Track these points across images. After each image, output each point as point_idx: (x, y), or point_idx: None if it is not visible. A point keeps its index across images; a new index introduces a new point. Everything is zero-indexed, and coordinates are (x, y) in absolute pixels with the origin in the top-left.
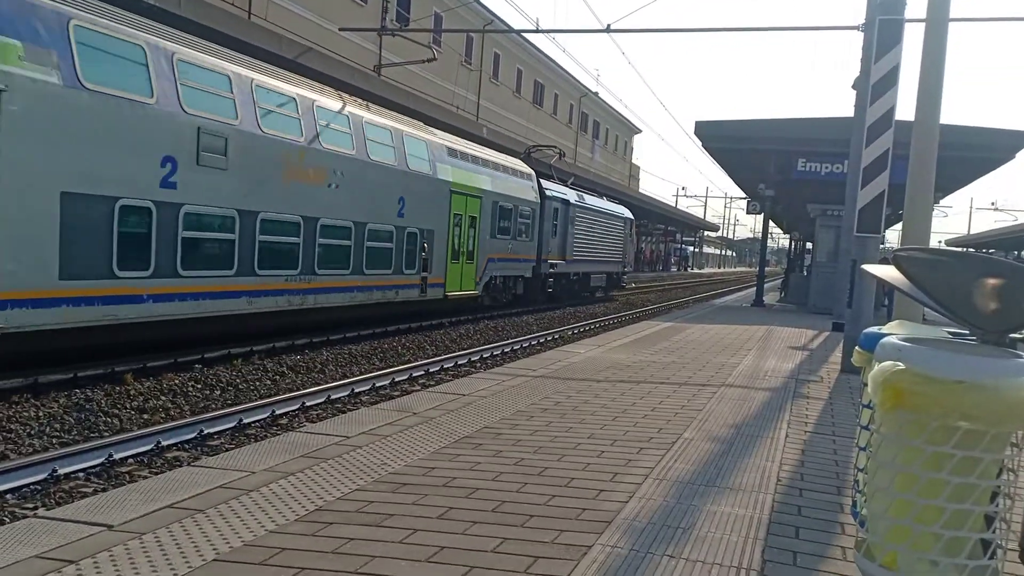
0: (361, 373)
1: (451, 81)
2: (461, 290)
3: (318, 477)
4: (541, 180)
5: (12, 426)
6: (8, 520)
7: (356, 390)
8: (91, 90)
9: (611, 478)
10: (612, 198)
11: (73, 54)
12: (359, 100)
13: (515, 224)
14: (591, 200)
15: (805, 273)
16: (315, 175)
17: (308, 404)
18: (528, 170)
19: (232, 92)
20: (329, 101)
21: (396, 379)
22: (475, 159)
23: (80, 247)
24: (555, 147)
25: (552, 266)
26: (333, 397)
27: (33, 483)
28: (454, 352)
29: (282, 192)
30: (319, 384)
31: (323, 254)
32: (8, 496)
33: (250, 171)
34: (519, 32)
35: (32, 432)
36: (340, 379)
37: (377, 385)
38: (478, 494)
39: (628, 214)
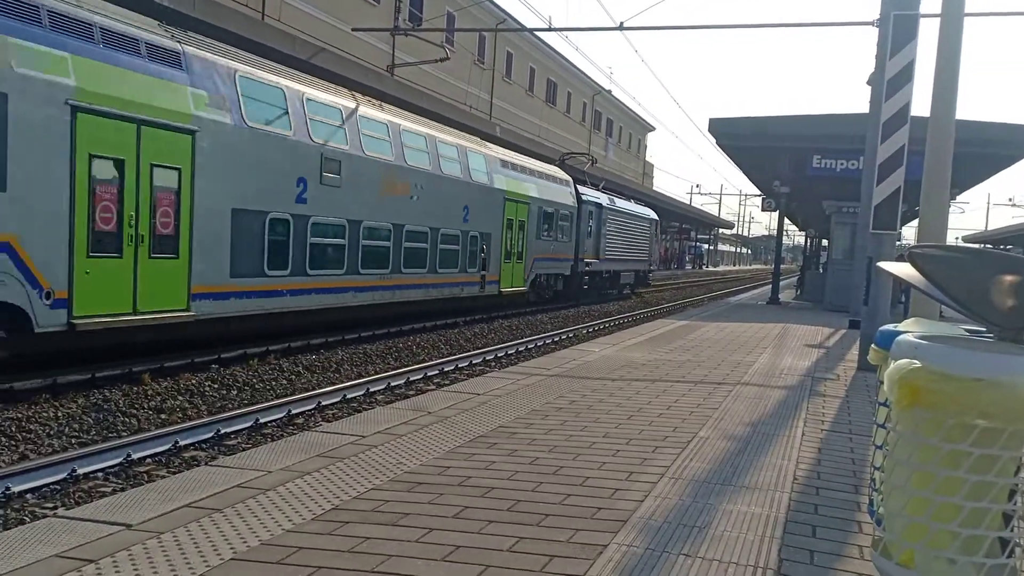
0: (376, 372)
1: (464, 80)
2: (513, 287)
3: (334, 476)
4: (577, 185)
5: (32, 426)
6: (28, 519)
7: (371, 389)
8: (251, 127)
9: (626, 477)
10: (638, 200)
11: (239, 99)
12: (433, 122)
13: (556, 226)
14: (621, 203)
15: (821, 270)
16: (402, 188)
17: (324, 404)
18: (566, 177)
19: (343, 122)
20: (411, 125)
21: (411, 378)
22: (523, 169)
23: (243, 252)
24: (587, 154)
25: (588, 264)
26: (348, 396)
27: (53, 483)
28: (469, 351)
29: (378, 204)
30: (335, 383)
31: (407, 256)
32: (28, 496)
33: (356, 187)
34: (532, 31)
35: (51, 432)
36: (355, 378)
37: (392, 384)
38: (493, 493)
39: (653, 215)
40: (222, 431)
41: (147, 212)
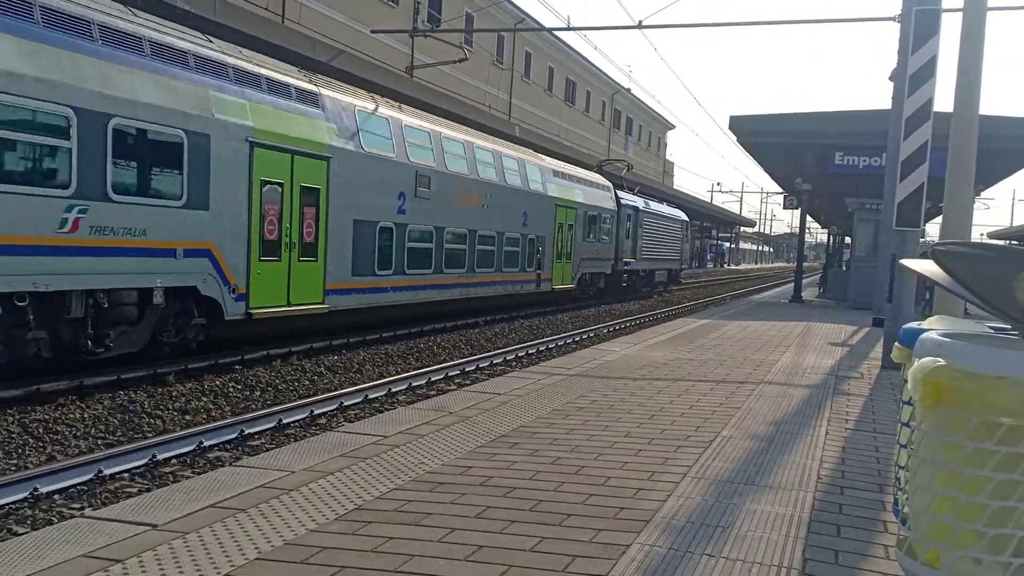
0: (398, 373)
1: (483, 80)
2: (563, 284)
3: (357, 476)
4: (616, 190)
5: (59, 428)
6: (56, 520)
7: (393, 390)
8: (367, 152)
9: (649, 477)
10: (669, 203)
11: (358, 130)
12: (499, 139)
13: (599, 229)
14: (655, 206)
15: (844, 268)
16: (476, 199)
17: (346, 404)
18: (607, 183)
19: (431, 143)
20: (482, 143)
21: (432, 378)
22: (571, 177)
23: (360, 254)
24: (624, 160)
25: (627, 264)
26: (371, 397)
27: (80, 483)
28: (489, 351)
29: (458, 212)
30: (356, 384)
31: (479, 257)
32: (56, 496)
33: (441, 198)
34: (550, 30)
35: (78, 433)
36: (377, 379)
37: (414, 385)
38: (515, 493)
39: (684, 217)
40: (246, 432)
41: (297, 224)
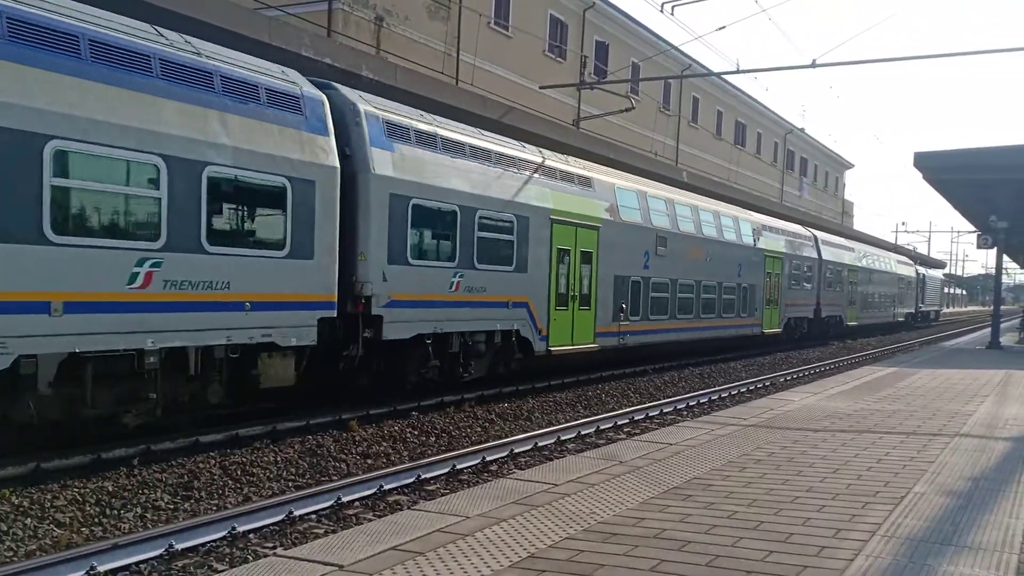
0: (566, 421)
1: (649, 128)
2: (900, 319)
3: (529, 524)
4: (916, 265)
5: (254, 470)
6: (251, 558)
7: (562, 438)
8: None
9: (834, 534)
10: (933, 266)
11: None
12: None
13: (911, 287)
14: (931, 272)
15: None
16: (890, 286)
17: (516, 451)
18: (910, 261)
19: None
20: (881, 253)
21: (601, 427)
22: (903, 262)
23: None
24: (910, 245)
25: (919, 307)
26: (540, 444)
27: (272, 523)
28: (659, 400)
29: (874, 290)
30: (526, 431)
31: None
32: (251, 535)
33: (867, 285)
34: (718, 74)
35: (271, 476)
36: (546, 426)
37: (583, 433)
38: (690, 547)
39: (942, 276)
40: (422, 476)
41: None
